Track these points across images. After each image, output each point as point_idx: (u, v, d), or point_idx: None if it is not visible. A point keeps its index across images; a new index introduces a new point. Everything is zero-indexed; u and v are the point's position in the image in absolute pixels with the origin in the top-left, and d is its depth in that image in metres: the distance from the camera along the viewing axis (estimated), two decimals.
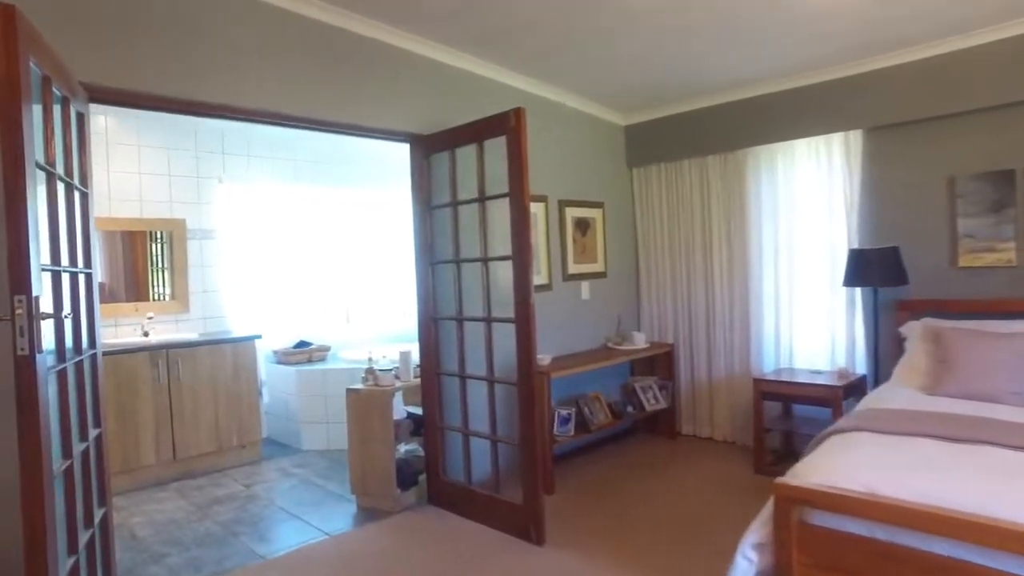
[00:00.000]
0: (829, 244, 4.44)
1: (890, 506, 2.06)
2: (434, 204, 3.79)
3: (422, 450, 4.28)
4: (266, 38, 3.18)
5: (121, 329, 4.91)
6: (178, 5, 2.89)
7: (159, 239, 5.16)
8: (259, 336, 5.12)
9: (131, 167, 5.02)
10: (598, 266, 5.17)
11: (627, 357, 4.85)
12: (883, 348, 4.10)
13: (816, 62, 4.17)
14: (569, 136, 4.90)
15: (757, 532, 2.35)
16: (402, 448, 4.14)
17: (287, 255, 5.82)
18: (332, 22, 3.41)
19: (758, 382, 4.32)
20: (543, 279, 4.63)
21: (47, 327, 2.00)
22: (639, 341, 5.08)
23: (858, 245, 4.26)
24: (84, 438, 2.36)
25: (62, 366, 2.11)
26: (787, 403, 4.54)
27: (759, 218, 4.79)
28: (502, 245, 3.44)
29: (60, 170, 2.29)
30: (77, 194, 2.49)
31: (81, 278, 2.44)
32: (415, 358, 4.09)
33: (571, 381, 4.56)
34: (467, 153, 3.57)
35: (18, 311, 1.80)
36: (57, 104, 2.29)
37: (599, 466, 4.57)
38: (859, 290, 4.30)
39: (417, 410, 4.35)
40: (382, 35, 3.62)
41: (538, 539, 3.28)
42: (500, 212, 3.39)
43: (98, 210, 4.81)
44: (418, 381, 4.02)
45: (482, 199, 3.49)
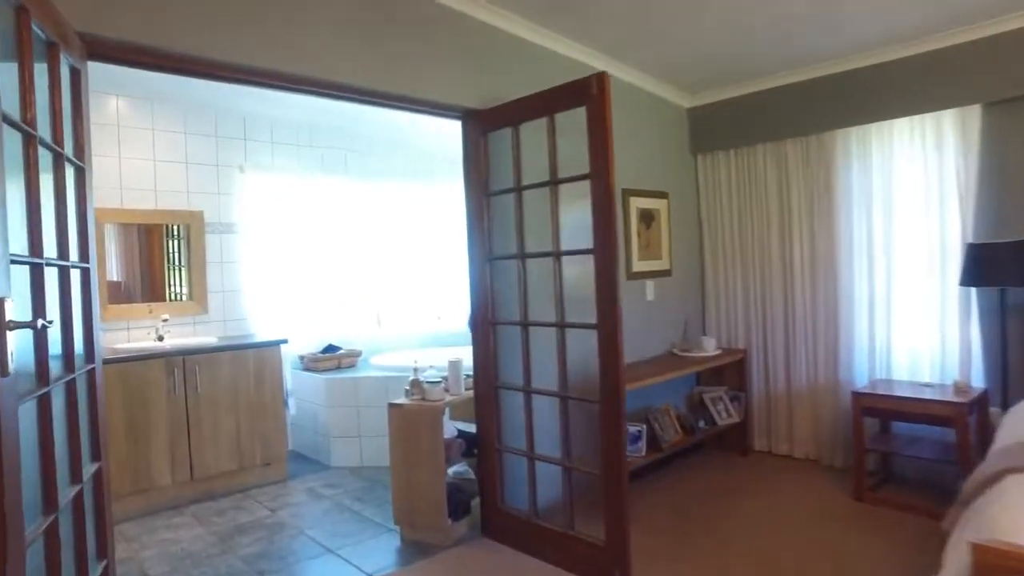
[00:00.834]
0: (938, 238, 3.85)
1: None
2: (493, 190, 3.25)
3: (471, 471, 3.76)
4: None
5: (133, 332, 4.42)
6: None
7: (175, 234, 4.67)
8: (285, 341, 4.61)
9: (145, 153, 4.53)
10: (663, 263, 4.62)
11: (699, 366, 4.30)
12: (1014, 358, 3.51)
13: (931, 25, 3.59)
14: (632, 118, 4.34)
15: None
16: (449, 470, 3.61)
17: (313, 251, 5.30)
18: None
19: (858, 396, 3.73)
20: None
21: (23, 338, 1.48)
22: (709, 347, 4.53)
23: (974, 238, 3.67)
24: (76, 479, 1.84)
25: (43, 391, 1.59)
26: (885, 419, 3.96)
27: (849, 210, 4.20)
28: (570, 238, 2.93)
29: (47, 136, 1.77)
30: (71, 169, 1.98)
31: (75, 274, 1.93)
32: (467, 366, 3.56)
33: (637, 393, 4.00)
34: (532, 130, 3.04)
35: None
36: (42, 62, 1.79)
37: (672, 490, 4.01)
38: (974, 291, 3.72)
39: (466, 426, 3.83)
40: None
41: None
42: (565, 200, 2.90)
43: (109, 201, 4.34)
44: (470, 394, 3.49)
45: (555, 182, 2.94)
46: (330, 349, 5.19)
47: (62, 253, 1.83)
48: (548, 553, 3.05)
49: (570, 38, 3.76)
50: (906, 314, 4.02)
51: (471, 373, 3.54)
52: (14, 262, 1.46)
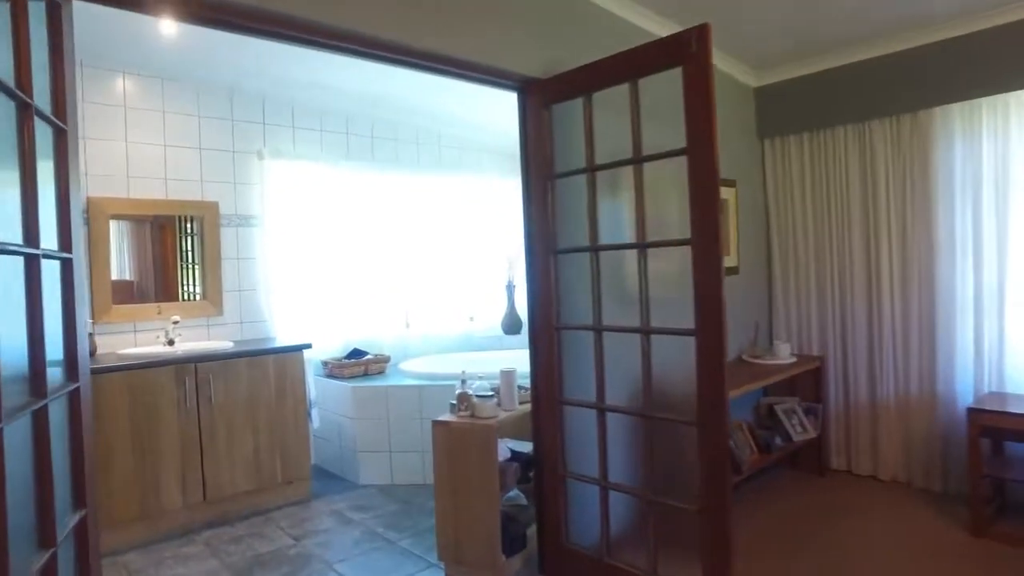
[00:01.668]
0: None
1: None
2: (559, 172, 2.76)
3: (522, 497, 3.28)
4: None
5: (140, 336, 3.97)
6: None
7: (187, 228, 4.21)
8: (308, 346, 4.14)
9: (155, 138, 4.08)
10: (730, 259, 4.11)
11: (779, 375, 3.79)
12: None
13: None
14: None
15: None
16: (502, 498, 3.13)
17: (337, 247, 4.82)
18: None
19: (975, 413, 3.21)
20: None
21: None
22: (783, 353, 4.02)
23: None
24: (48, 543, 1.36)
25: None
26: (997, 439, 3.44)
27: (950, 199, 3.68)
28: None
29: (9, 79, 1.31)
30: (46, 128, 1.51)
31: (49, 267, 1.46)
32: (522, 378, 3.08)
33: None
34: (598, 104, 2.57)
35: None
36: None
37: (752, 518, 3.50)
38: None
39: (516, 444, 3.35)
40: None
41: None
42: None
43: (115, 190, 3.90)
44: (525, 409, 3.00)
45: (638, 160, 2.45)
46: (356, 354, 4.72)
47: (28, 239, 1.36)
48: None
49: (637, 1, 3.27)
50: (1022, 318, 3.49)
51: (523, 384, 3.07)
52: None
